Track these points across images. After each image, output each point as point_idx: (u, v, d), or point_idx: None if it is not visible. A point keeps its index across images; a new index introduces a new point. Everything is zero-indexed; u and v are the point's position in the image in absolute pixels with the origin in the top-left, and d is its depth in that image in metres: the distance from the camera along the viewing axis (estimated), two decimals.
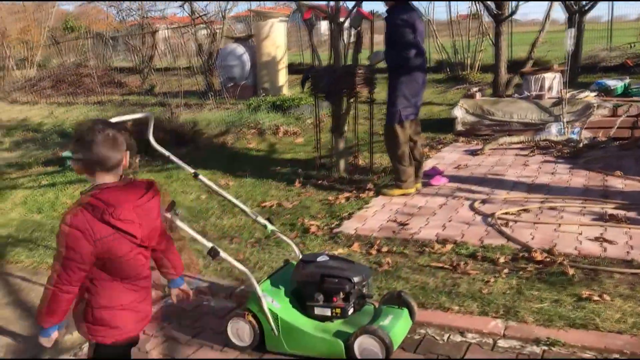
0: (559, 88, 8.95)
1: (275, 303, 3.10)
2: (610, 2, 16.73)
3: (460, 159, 7.38)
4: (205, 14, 15.49)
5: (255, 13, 16.55)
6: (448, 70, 14.10)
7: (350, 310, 3.08)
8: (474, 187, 6.06)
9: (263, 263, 4.35)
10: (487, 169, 6.82)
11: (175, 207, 3.11)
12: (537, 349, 3.08)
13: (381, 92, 7.21)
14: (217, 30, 15.16)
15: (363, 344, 2.91)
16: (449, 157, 7.50)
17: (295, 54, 17.77)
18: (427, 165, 6.88)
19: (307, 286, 3.15)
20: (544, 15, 11.11)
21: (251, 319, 3.12)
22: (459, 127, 8.88)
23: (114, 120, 3.05)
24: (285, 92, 12.97)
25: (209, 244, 3.09)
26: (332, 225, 5.12)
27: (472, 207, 5.41)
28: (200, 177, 3.63)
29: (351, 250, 4.55)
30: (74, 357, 3.20)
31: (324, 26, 20.19)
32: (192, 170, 3.64)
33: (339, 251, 4.51)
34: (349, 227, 5.03)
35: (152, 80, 15.80)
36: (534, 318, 3.34)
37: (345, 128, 6.75)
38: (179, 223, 3.11)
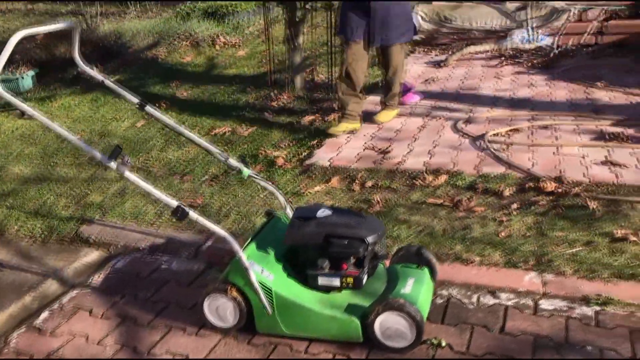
0: None
1: (265, 272, 2.38)
2: None
3: (425, 72, 6.68)
4: None
5: None
6: None
7: (365, 279, 2.40)
8: (450, 105, 5.41)
9: (228, 208, 3.58)
10: (459, 83, 6.16)
11: (123, 153, 2.30)
12: (588, 311, 2.53)
13: None
14: None
15: (387, 322, 2.26)
16: (413, 70, 6.77)
17: None
18: None
19: (307, 250, 2.44)
20: None
21: (236, 294, 2.40)
22: (416, 36, 8.12)
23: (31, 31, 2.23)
24: None
25: (174, 202, 2.31)
26: (302, 156, 4.37)
27: (455, 128, 4.78)
28: (148, 107, 2.79)
29: (330, 187, 3.84)
30: None
31: None
32: (137, 100, 2.79)
33: (316, 189, 3.80)
34: (322, 157, 4.30)
35: None
36: (572, 268, 2.79)
37: (301, 39, 5.87)
38: (129, 174, 2.30)
